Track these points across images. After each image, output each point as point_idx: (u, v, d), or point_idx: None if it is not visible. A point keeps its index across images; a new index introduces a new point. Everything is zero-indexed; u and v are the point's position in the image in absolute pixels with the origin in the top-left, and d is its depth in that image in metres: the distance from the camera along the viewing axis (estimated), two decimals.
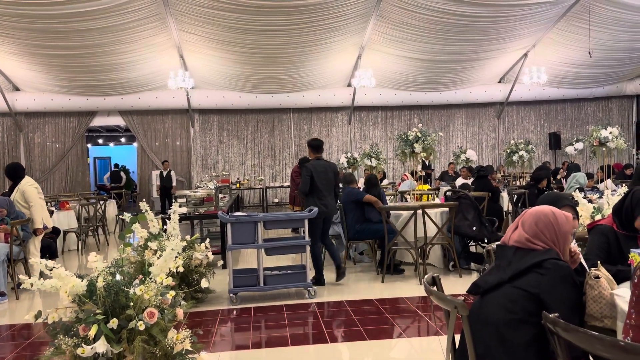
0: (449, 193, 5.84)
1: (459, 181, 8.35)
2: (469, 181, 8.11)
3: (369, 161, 9.05)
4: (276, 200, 14.03)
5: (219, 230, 7.56)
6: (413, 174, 8.34)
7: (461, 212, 5.47)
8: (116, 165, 15.94)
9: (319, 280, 5.25)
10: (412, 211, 5.24)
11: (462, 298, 1.75)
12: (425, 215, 5.28)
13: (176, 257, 2.63)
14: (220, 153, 14.23)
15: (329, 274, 5.78)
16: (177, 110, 13.74)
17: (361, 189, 5.92)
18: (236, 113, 14.13)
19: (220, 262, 4.78)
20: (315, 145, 5.46)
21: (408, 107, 14.68)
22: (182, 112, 13.90)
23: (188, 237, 4.86)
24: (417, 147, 6.53)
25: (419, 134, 6.58)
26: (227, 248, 4.60)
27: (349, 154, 10.84)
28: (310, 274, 4.95)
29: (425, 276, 2.04)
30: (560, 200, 2.50)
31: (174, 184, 12.62)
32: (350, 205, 5.71)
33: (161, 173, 12.68)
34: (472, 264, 5.67)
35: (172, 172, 12.74)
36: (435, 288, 1.97)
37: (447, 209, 5.62)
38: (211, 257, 4.76)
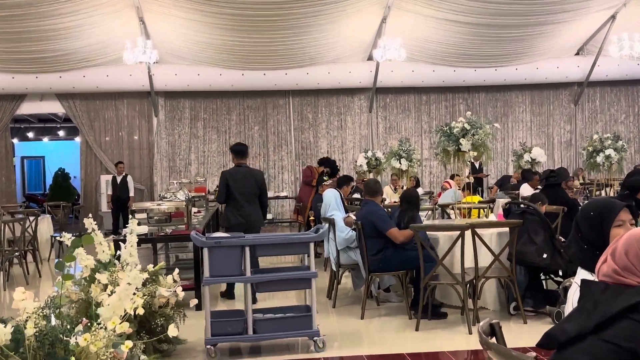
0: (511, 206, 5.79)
1: (525, 189, 8.27)
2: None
3: (398, 163, 9.00)
4: (270, 217, 14.00)
5: (191, 258, 7.56)
6: (452, 177, 8.27)
7: (527, 233, 5.38)
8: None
9: (229, 293, 6.56)
10: (457, 232, 5.22)
11: (533, 354, 1.73)
12: (477, 238, 5.23)
13: (134, 294, 2.62)
14: (194, 151, 14.20)
15: (350, 308, 5.75)
16: (136, 93, 13.68)
17: (385, 203, 5.89)
18: (215, 97, 14.12)
19: (194, 302, 4.77)
20: (238, 151, 6.64)
21: (451, 89, 14.57)
22: (142, 96, 13.84)
23: (150, 267, 4.85)
24: (465, 144, 6.48)
25: (466, 126, 6.54)
26: (202, 282, 4.59)
27: (369, 153, 10.78)
28: (318, 317, 4.93)
29: (480, 323, 2.02)
30: (614, 207, 2.45)
31: (131, 193, 12.53)
32: (370, 225, 5.72)
33: (114, 179, 12.59)
34: (545, 306, 5.62)
35: (129, 178, 12.70)
36: (494, 339, 1.95)
37: (506, 229, 5.58)
38: (181, 294, 4.75)
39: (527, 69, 13.92)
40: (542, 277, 5.81)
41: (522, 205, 5.87)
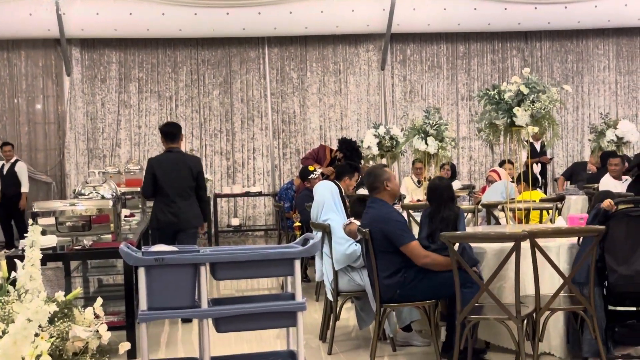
0: (606, 206, 5.70)
1: (608, 183, 8.24)
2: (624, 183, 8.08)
3: (423, 143, 9.03)
4: (235, 222, 13.96)
5: (121, 282, 7.57)
6: (502, 164, 8.22)
7: (628, 243, 5.40)
8: None
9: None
10: (510, 244, 5.22)
11: None
12: (538, 252, 5.22)
13: (37, 335, 2.60)
14: (125, 127, 14.22)
15: (354, 356, 5.71)
16: (38, 40, 13.88)
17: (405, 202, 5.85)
18: (156, 47, 14.18)
19: (125, 346, 4.73)
20: (168, 133, 7.50)
21: (500, 36, 14.73)
22: (48, 45, 13.99)
23: (60, 296, 4.82)
24: (521, 116, 6.51)
25: (523, 89, 6.56)
26: (138, 317, 4.55)
27: (381, 129, 10.78)
28: None
29: None
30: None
31: (23, 188, 12.62)
32: (381, 235, 5.74)
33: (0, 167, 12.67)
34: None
35: (19, 165, 12.77)
36: None
37: (583, 239, 5.56)
38: (106, 335, 4.70)
39: (611, 6, 14.03)
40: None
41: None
